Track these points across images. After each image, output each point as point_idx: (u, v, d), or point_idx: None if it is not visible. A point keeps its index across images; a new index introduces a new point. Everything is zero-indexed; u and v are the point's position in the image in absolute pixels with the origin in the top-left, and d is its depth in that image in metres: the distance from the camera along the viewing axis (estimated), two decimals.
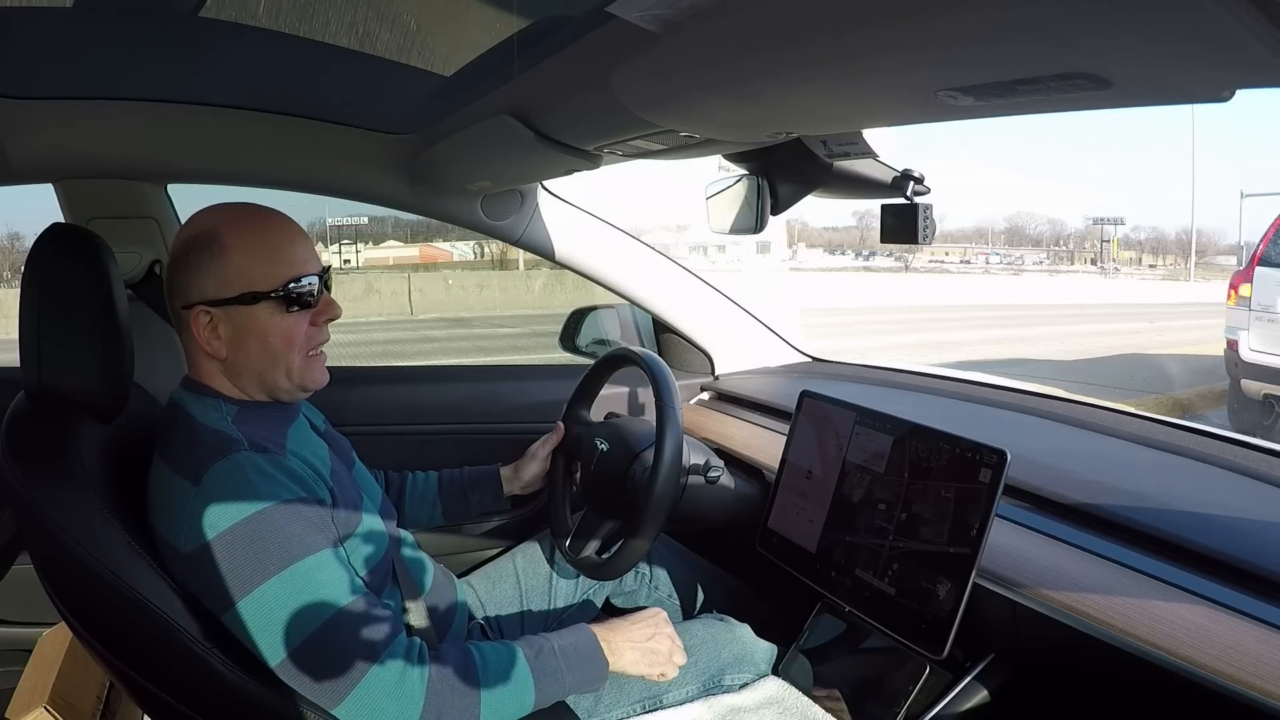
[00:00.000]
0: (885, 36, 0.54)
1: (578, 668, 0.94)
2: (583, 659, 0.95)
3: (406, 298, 13.34)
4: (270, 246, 0.90)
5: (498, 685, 0.87)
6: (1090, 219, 71.11)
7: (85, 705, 1.24)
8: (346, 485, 0.96)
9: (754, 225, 1.30)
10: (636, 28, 0.61)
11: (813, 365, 1.81)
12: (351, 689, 0.81)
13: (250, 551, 0.80)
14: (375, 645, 0.82)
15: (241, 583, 0.80)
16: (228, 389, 0.92)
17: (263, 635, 0.80)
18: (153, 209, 1.43)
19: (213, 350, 0.90)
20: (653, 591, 1.34)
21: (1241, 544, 0.82)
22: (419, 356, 8.98)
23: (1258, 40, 0.41)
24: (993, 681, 0.95)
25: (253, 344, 0.90)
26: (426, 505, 1.28)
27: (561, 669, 0.92)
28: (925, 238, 1.16)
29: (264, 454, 0.85)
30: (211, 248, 0.88)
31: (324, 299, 0.95)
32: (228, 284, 0.88)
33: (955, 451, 0.95)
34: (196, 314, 0.89)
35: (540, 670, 0.91)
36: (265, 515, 0.81)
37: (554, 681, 0.92)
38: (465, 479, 1.30)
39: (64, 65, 1.16)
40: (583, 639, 0.97)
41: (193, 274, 0.88)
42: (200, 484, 0.81)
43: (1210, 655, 0.69)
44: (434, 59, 1.08)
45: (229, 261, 0.88)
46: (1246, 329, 4.96)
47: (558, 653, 0.93)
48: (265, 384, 0.93)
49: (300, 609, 0.80)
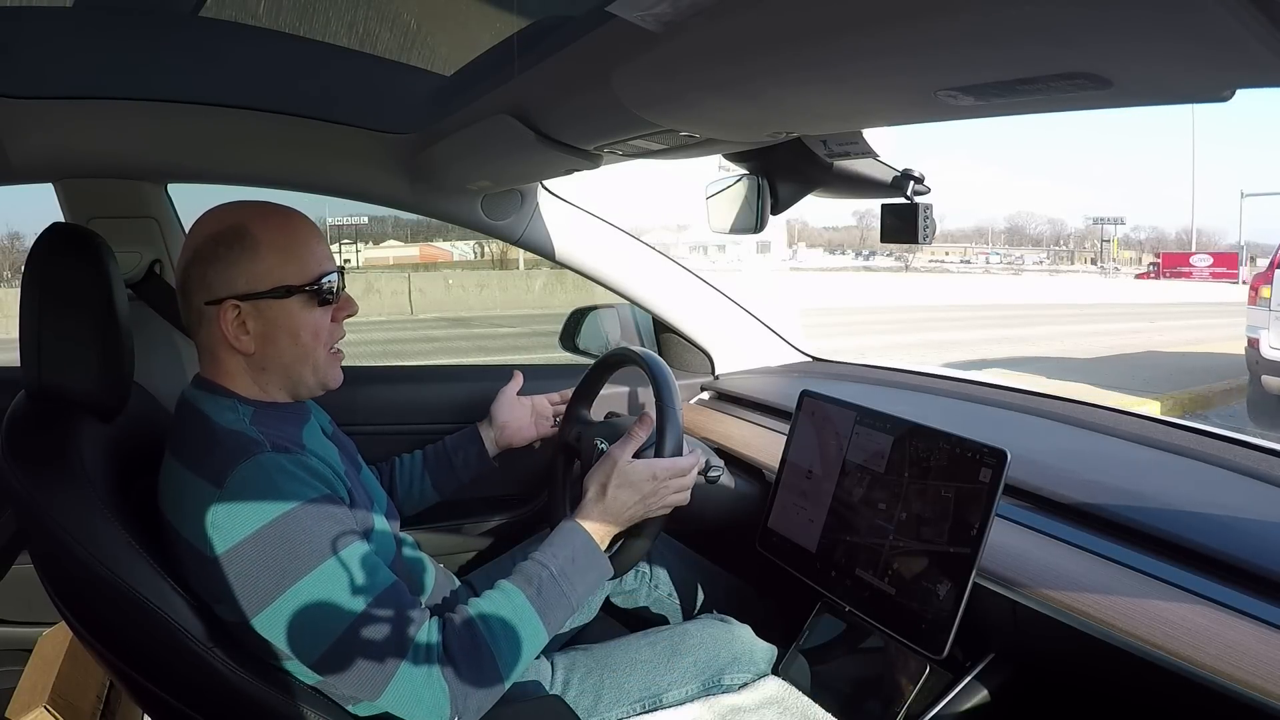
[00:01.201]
0: (886, 37, 0.54)
1: (580, 581, 0.94)
2: (582, 570, 0.95)
3: (407, 297, 13.36)
4: (298, 242, 0.91)
5: (509, 644, 0.87)
6: (1090, 219, 71.18)
7: (85, 705, 1.24)
8: (358, 487, 0.96)
9: (754, 225, 1.30)
10: (637, 27, 0.61)
11: (813, 365, 1.81)
12: (390, 679, 0.81)
13: (282, 551, 0.80)
14: (407, 634, 0.83)
15: (275, 583, 0.80)
16: (245, 388, 0.92)
17: (299, 634, 0.80)
18: (153, 209, 1.43)
19: (241, 346, 0.90)
20: (653, 590, 1.34)
21: (1241, 543, 0.83)
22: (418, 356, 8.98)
23: (1258, 40, 0.41)
24: (993, 681, 0.95)
25: (283, 338, 0.90)
26: (416, 481, 1.28)
27: (564, 592, 0.92)
28: (925, 237, 1.16)
29: (286, 454, 0.85)
30: (243, 242, 0.88)
31: (344, 296, 0.96)
32: (260, 278, 0.88)
33: (955, 451, 0.95)
34: (225, 309, 0.88)
35: (545, 605, 0.91)
36: (294, 515, 0.81)
37: (560, 607, 0.92)
38: (447, 444, 1.31)
39: (64, 65, 1.16)
40: (579, 547, 0.96)
41: (222, 268, 0.88)
42: (224, 486, 0.81)
43: (1210, 655, 0.69)
44: (434, 58, 1.08)
45: (261, 256, 0.88)
46: (1267, 328, 5.41)
47: (557, 577, 0.92)
48: (291, 380, 0.93)
49: (335, 605, 0.80)
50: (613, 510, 1.00)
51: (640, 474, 1.02)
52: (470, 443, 1.30)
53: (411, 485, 1.28)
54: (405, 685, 0.81)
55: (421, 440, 1.35)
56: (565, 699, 1.02)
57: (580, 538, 0.97)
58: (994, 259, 70.69)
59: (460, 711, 0.83)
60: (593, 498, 1.01)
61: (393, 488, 1.27)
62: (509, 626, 0.88)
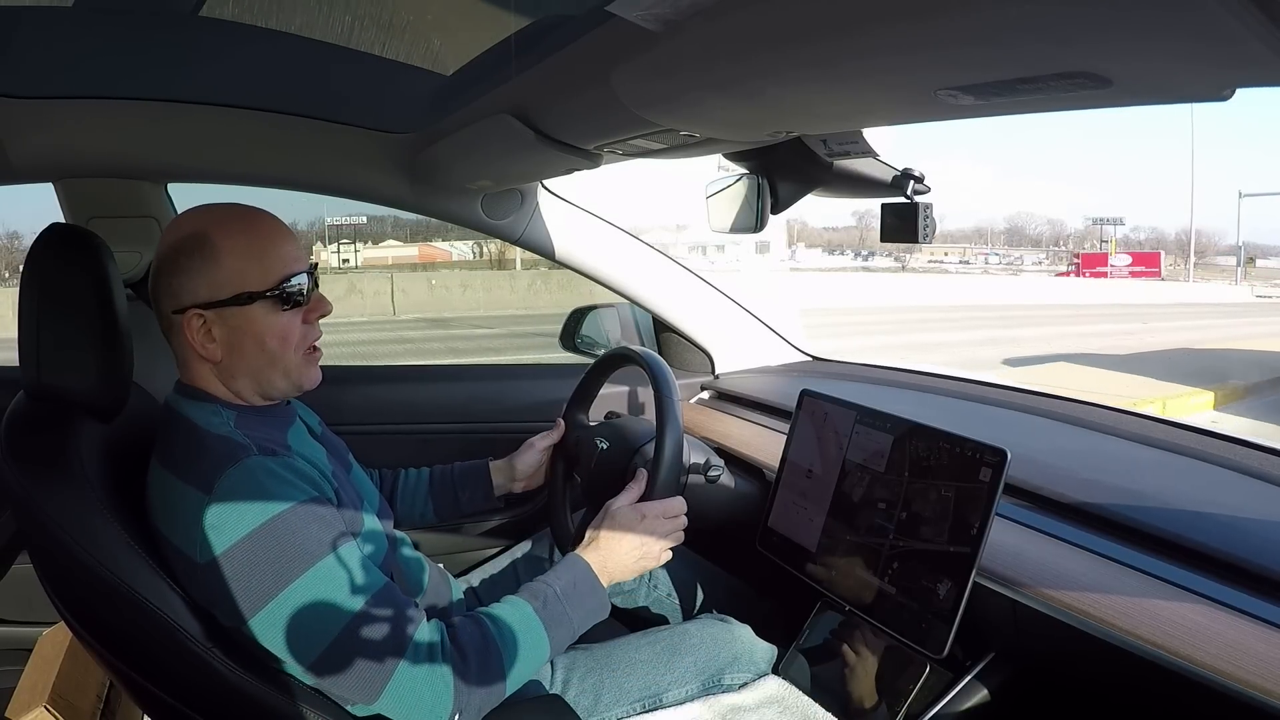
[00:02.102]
0: (886, 36, 0.54)
1: (579, 607, 0.95)
2: (583, 596, 0.95)
3: (389, 298, 13.42)
4: (261, 246, 0.90)
5: (516, 648, 0.87)
6: (1090, 219, 71.20)
7: (85, 704, 1.24)
8: (348, 488, 0.96)
9: (754, 224, 1.30)
10: (637, 27, 0.61)
11: (813, 364, 1.81)
12: (387, 681, 0.81)
13: (272, 556, 0.79)
14: (404, 635, 0.82)
15: (267, 588, 0.79)
16: (223, 393, 0.91)
17: (292, 639, 0.80)
18: (153, 208, 1.43)
19: (207, 354, 0.89)
20: (652, 590, 1.34)
21: (1241, 543, 0.83)
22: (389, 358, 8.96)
23: (1258, 39, 0.41)
24: (993, 680, 0.95)
25: (249, 345, 0.90)
26: (418, 502, 1.27)
27: (567, 613, 0.93)
28: (925, 237, 1.15)
29: (273, 457, 0.84)
30: (203, 250, 0.87)
31: (315, 296, 0.94)
32: (220, 286, 0.87)
33: (955, 450, 0.95)
34: (189, 318, 0.88)
35: (550, 619, 0.91)
36: (283, 519, 0.80)
37: (562, 626, 0.93)
38: (455, 475, 1.28)
39: (64, 65, 1.16)
40: (579, 575, 0.97)
41: (183, 277, 0.87)
42: (212, 492, 0.80)
43: (1210, 654, 0.69)
44: (434, 58, 1.08)
45: (221, 263, 0.87)
46: None
47: (561, 597, 0.93)
48: (261, 385, 0.92)
49: (327, 609, 0.80)
50: (608, 552, 1.00)
51: (627, 515, 1.02)
52: (478, 481, 1.27)
53: (414, 505, 1.27)
54: (404, 686, 0.81)
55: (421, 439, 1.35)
56: (565, 698, 1.02)
57: (581, 567, 0.98)
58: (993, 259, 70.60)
59: (462, 709, 0.83)
60: (591, 540, 1.01)
61: (393, 499, 1.25)
62: (515, 630, 0.89)
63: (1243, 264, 44.86)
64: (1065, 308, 17.93)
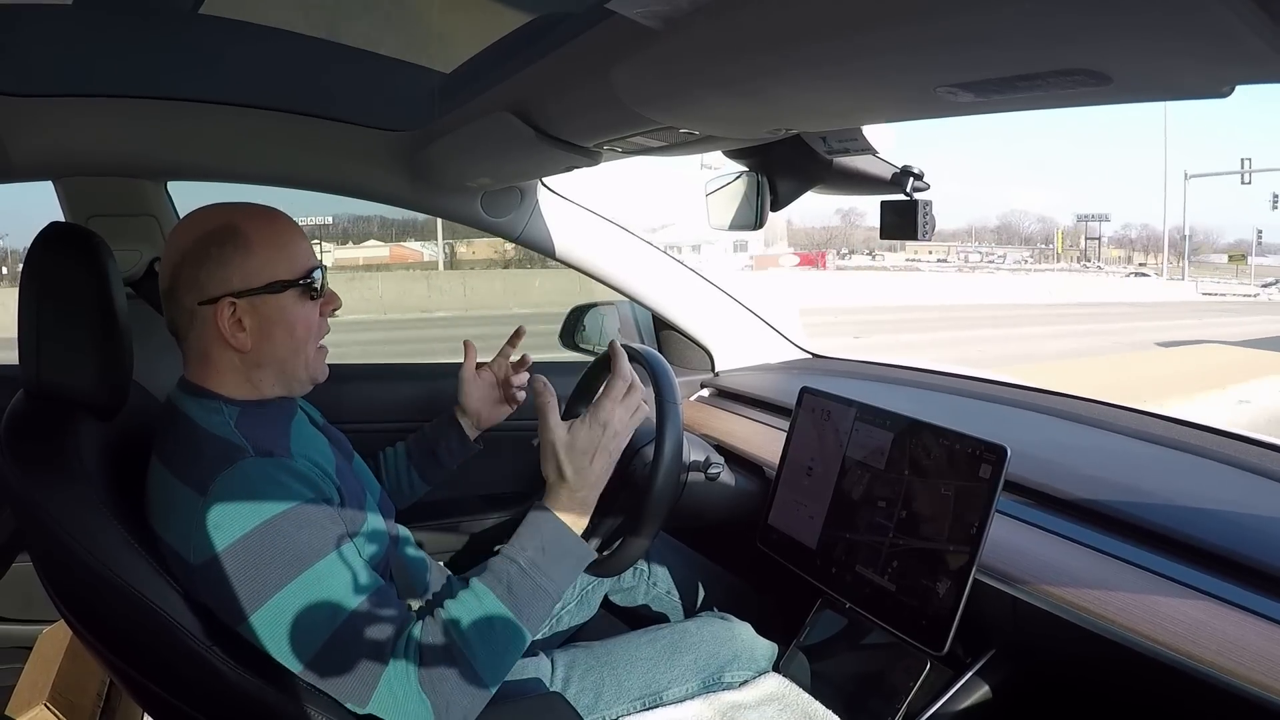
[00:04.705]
0: (886, 34, 0.54)
1: (553, 571, 0.89)
2: (556, 559, 0.90)
3: None
4: (286, 238, 0.92)
5: (485, 643, 0.84)
6: (1078, 216, 71.11)
7: (85, 703, 1.24)
8: (350, 481, 0.96)
9: (753, 222, 1.30)
10: (637, 24, 0.61)
11: (813, 361, 1.81)
12: (376, 686, 0.80)
13: (263, 560, 0.79)
14: (391, 639, 0.82)
15: (256, 592, 0.79)
16: (232, 388, 0.91)
17: (282, 643, 0.80)
18: (153, 207, 1.43)
19: (237, 343, 0.89)
20: (652, 588, 1.34)
21: (1242, 539, 0.83)
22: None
23: (1257, 35, 0.41)
24: (993, 677, 0.95)
25: (279, 333, 0.91)
26: (403, 475, 1.27)
27: (538, 584, 0.88)
28: (925, 234, 1.15)
29: (270, 459, 0.84)
30: (235, 240, 0.88)
31: (329, 290, 0.97)
32: (254, 274, 0.89)
33: (955, 447, 0.95)
34: (221, 306, 0.88)
35: (518, 602, 0.87)
36: (274, 523, 0.80)
37: (538, 600, 0.88)
38: (427, 434, 1.27)
39: (64, 63, 1.16)
40: (548, 536, 0.91)
41: (213, 266, 0.88)
42: (207, 493, 0.80)
43: (1211, 650, 0.70)
44: (434, 55, 1.08)
45: (253, 252, 0.89)
46: None
47: (527, 570, 0.88)
48: (285, 374, 0.93)
49: (317, 614, 0.80)
50: (579, 483, 0.93)
51: (584, 433, 0.94)
52: (450, 429, 1.26)
53: (399, 479, 1.26)
54: (389, 694, 0.81)
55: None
56: (566, 696, 1.02)
57: (549, 525, 0.92)
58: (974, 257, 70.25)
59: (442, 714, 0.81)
60: (553, 482, 0.94)
61: (380, 480, 1.25)
62: (483, 629, 0.85)
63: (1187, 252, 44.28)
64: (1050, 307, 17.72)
